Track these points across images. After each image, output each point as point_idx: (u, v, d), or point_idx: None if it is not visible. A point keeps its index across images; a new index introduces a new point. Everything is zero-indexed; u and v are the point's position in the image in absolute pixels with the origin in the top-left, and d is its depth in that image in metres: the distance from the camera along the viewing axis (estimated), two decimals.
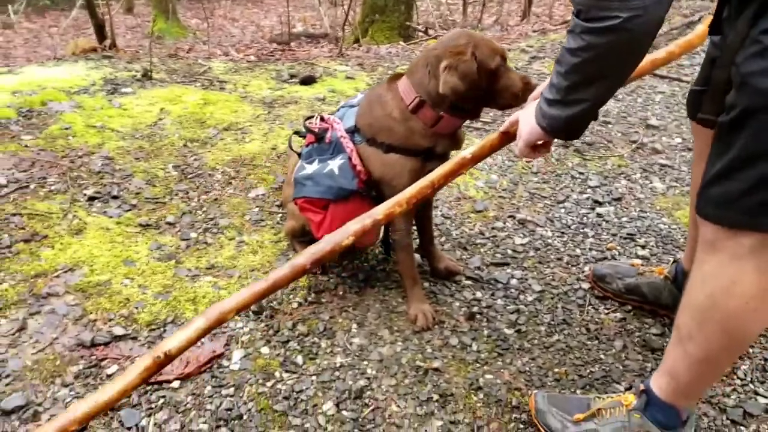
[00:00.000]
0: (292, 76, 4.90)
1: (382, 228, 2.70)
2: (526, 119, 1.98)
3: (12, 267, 2.85)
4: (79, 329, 2.56)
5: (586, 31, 1.59)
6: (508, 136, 2.14)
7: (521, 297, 2.80)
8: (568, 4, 8.88)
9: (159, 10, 12.40)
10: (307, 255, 1.97)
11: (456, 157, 2.14)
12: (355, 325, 2.63)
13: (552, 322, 2.67)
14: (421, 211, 2.79)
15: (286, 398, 2.30)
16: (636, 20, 1.49)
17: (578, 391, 2.35)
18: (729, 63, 1.60)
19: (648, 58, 2.30)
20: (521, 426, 2.24)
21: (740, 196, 1.56)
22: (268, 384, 2.36)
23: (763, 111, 1.47)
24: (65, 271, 2.85)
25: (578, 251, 3.06)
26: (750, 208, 1.56)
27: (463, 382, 2.40)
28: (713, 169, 1.63)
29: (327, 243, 1.98)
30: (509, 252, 3.05)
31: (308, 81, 4.78)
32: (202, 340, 2.50)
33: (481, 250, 3.06)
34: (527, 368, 2.47)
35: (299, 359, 2.47)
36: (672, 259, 2.70)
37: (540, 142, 2.02)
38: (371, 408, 2.29)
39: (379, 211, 2.04)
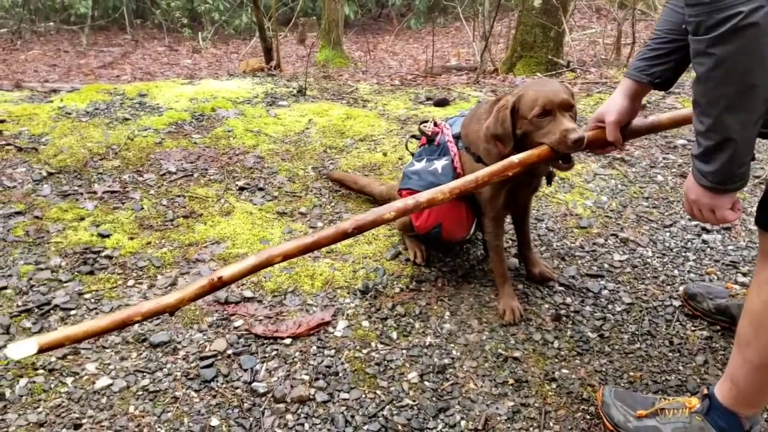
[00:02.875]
0: (428, 98, 5.31)
1: (473, 225, 2.97)
2: (689, 185, 1.79)
3: (172, 236, 3.45)
4: None
5: (711, 43, 1.43)
6: (554, 151, 2.31)
7: (609, 306, 2.94)
8: None
9: (326, 41, 13.43)
10: (352, 221, 2.13)
11: (505, 160, 2.28)
12: (447, 313, 2.91)
13: (636, 332, 2.79)
14: (518, 218, 3.03)
15: (377, 364, 2.63)
16: (761, 11, 1.35)
17: (650, 395, 2.46)
18: None
19: None
20: (587, 416, 2.40)
21: None
22: (364, 351, 2.70)
23: None
24: (213, 243, 3.40)
25: (676, 272, 3.13)
26: None
27: (539, 372, 2.60)
28: None
29: (371, 213, 2.16)
30: (606, 266, 3.19)
31: (442, 103, 5.16)
32: (314, 308, 2.93)
33: (579, 261, 3.23)
34: (603, 369, 2.62)
35: (394, 335, 2.80)
36: None
37: (720, 204, 1.74)
38: (450, 383, 2.56)
39: (423, 196, 2.21)
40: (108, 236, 3.39)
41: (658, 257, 3.22)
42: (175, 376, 2.61)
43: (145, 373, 2.62)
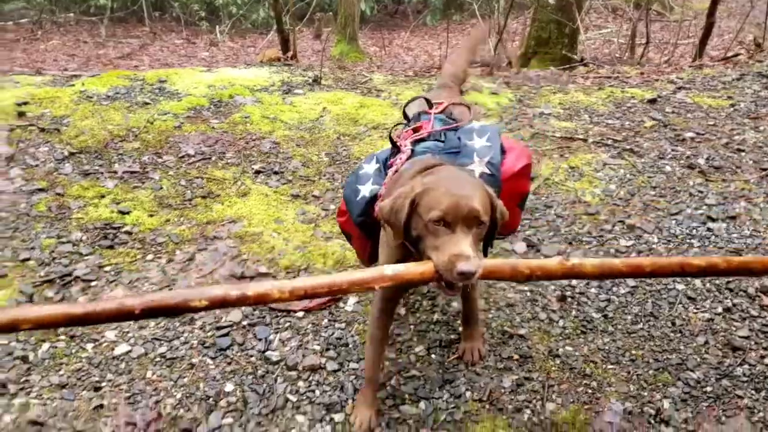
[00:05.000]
0: None
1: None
2: None
3: (190, 215, 3.55)
4: (233, 265, 3.16)
5: None
6: (438, 273, 1.82)
7: (614, 289, 3.01)
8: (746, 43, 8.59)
9: (341, 35, 13.52)
10: (141, 301, 1.56)
11: (375, 270, 1.79)
12: None
13: (639, 314, 2.86)
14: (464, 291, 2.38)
15: None
16: None
17: (651, 372, 2.53)
18: None
19: None
20: (589, 391, 2.48)
21: None
22: None
23: None
24: (229, 222, 3.49)
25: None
26: None
27: (543, 349, 2.68)
28: None
29: (178, 296, 1.60)
30: (612, 251, 3.25)
31: None
32: None
33: (586, 246, 3.29)
34: (606, 347, 2.69)
35: (402, 311, 2.88)
36: None
37: None
38: (456, 356, 2.64)
39: (252, 289, 1.66)
40: (128, 213, 3.50)
41: (663, 243, 3.28)
42: (192, 344, 2.72)
43: (162, 341, 2.72)
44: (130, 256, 3.20)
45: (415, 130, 2.47)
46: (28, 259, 3.13)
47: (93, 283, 3.02)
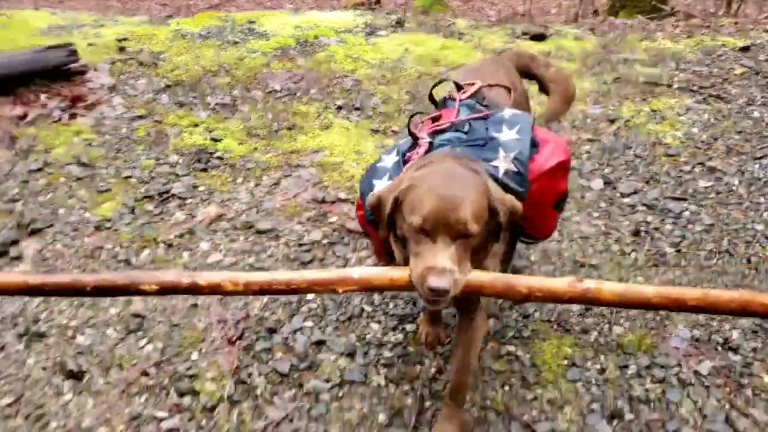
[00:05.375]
0: (524, 33, 5.34)
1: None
2: None
3: (276, 144, 3.74)
4: (315, 190, 3.34)
5: None
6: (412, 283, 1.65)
7: (689, 226, 3.01)
8: None
9: None
10: (94, 278, 1.67)
11: (342, 271, 1.79)
12: None
13: (714, 250, 2.86)
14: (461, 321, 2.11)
15: None
16: None
17: None
18: None
19: None
20: (657, 317, 2.54)
21: None
22: None
23: None
24: (312, 152, 3.67)
25: (762, 200, 3.15)
26: None
27: (614, 278, 2.74)
28: None
29: (126, 277, 1.65)
30: (690, 191, 3.24)
31: (539, 37, 5.19)
32: None
33: (663, 186, 3.29)
34: (677, 280, 2.73)
35: None
36: None
37: None
38: None
39: (204, 278, 1.65)
40: (219, 141, 3.72)
41: (744, 186, 3.24)
42: (277, 258, 2.92)
43: (251, 254, 2.94)
44: (221, 179, 3.42)
45: (435, 120, 2.16)
46: (129, 177, 3.39)
47: (188, 201, 3.26)
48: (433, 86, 2.27)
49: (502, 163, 1.95)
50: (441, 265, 1.57)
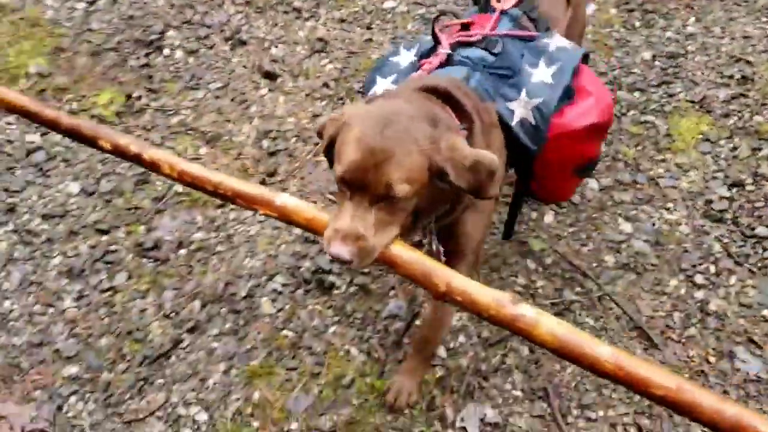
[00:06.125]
0: None
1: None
2: None
3: None
4: None
5: None
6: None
7: None
8: None
9: None
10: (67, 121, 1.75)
11: (265, 191, 1.49)
12: (693, 19, 3.11)
13: None
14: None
15: (616, 40, 2.97)
16: None
17: None
18: None
19: None
20: None
21: None
22: (605, 30, 3.04)
23: None
24: None
25: None
26: None
27: (767, 75, 2.80)
28: None
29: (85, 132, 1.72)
30: None
31: None
32: None
33: None
34: None
35: (637, 23, 3.08)
36: None
37: None
38: (679, 67, 2.85)
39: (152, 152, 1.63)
40: None
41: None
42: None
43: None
44: None
45: (465, 27, 1.77)
46: None
47: None
48: (435, 18, 1.75)
49: (520, 109, 1.66)
50: (348, 229, 1.28)
